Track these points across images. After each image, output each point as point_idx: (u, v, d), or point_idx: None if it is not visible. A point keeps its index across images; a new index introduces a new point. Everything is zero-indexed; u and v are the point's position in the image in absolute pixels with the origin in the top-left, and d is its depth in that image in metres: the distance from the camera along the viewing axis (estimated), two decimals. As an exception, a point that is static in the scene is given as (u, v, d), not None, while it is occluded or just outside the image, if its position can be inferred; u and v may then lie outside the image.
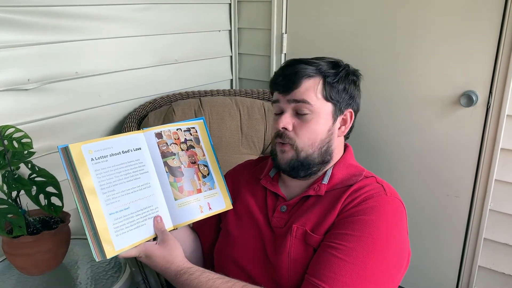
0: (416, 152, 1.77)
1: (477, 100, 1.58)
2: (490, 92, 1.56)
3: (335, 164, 1.06)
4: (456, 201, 1.72)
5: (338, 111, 1.03)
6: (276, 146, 1.06)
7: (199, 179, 1.08)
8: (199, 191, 1.07)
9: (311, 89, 1.00)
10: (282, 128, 1.02)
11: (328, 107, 1.02)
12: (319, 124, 1.01)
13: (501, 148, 1.57)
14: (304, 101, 1.00)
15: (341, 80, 1.03)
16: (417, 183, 1.79)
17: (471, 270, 1.73)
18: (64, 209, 1.27)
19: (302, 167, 1.03)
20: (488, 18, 1.52)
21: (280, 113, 1.04)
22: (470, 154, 1.65)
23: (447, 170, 1.71)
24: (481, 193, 1.64)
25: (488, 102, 1.57)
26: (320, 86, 1.01)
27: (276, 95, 1.05)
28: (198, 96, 1.89)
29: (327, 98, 1.01)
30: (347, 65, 1.08)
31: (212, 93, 1.93)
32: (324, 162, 1.04)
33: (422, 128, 1.74)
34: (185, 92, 1.92)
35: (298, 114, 1.01)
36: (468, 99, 1.58)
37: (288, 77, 1.02)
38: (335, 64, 1.05)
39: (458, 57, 1.60)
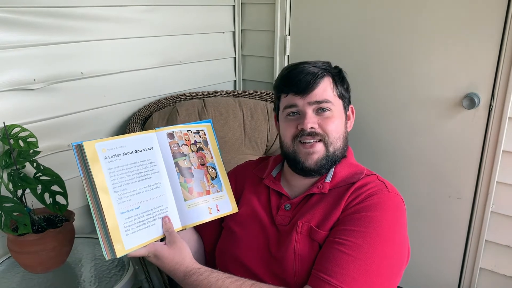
0: (418, 154, 1.78)
1: (479, 102, 1.59)
2: (492, 94, 1.57)
3: (337, 164, 1.09)
4: (458, 203, 1.72)
5: (346, 107, 1.11)
6: (298, 149, 1.06)
7: (208, 181, 1.09)
8: (208, 192, 1.08)
9: (329, 88, 1.06)
10: (311, 128, 1.04)
11: (341, 103, 1.08)
12: (339, 119, 1.07)
13: (503, 150, 1.57)
14: (326, 101, 1.04)
15: (343, 78, 1.11)
16: (419, 185, 1.80)
17: (473, 272, 1.73)
18: (69, 208, 1.29)
19: (330, 163, 1.07)
20: (491, 20, 1.52)
21: (296, 114, 1.06)
22: (472, 156, 1.65)
23: (449, 172, 1.72)
24: (483, 195, 1.65)
25: (490, 105, 1.58)
26: (333, 85, 1.07)
27: (291, 99, 1.06)
28: (202, 97, 1.91)
29: (340, 95, 1.08)
30: (337, 66, 1.13)
31: (215, 94, 1.94)
32: (343, 156, 1.10)
33: (424, 130, 1.74)
34: (189, 93, 1.94)
35: (319, 113, 1.05)
36: (470, 101, 1.58)
37: (305, 79, 1.04)
38: (330, 65, 1.11)
39: (460, 59, 1.61)
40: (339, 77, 1.08)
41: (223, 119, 1.78)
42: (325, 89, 1.04)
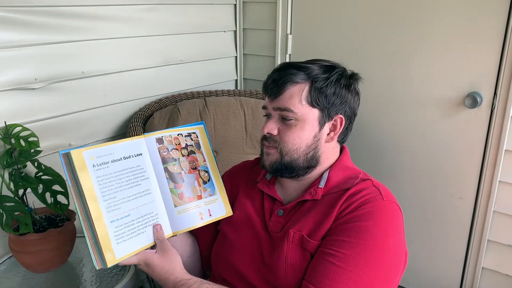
0: (420, 153, 1.77)
1: (482, 102, 1.58)
2: (495, 93, 1.56)
3: (331, 167, 1.05)
4: (460, 203, 1.71)
5: (326, 116, 1.01)
6: (262, 148, 1.06)
7: (199, 185, 1.07)
8: (200, 197, 1.06)
9: (295, 96, 0.99)
10: (267, 133, 1.02)
11: (314, 113, 1.00)
12: (304, 130, 1.00)
13: (505, 150, 1.56)
14: (287, 109, 0.99)
15: (331, 84, 1.00)
16: (421, 184, 1.79)
17: (475, 272, 1.73)
18: (70, 208, 1.28)
19: (286, 170, 1.02)
20: (493, 19, 1.52)
21: (268, 116, 1.04)
22: (474, 156, 1.65)
23: (451, 171, 1.71)
24: (485, 195, 1.64)
25: (493, 104, 1.57)
26: (305, 92, 0.99)
27: (265, 100, 1.05)
28: (203, 96, 1.90)
29: (313, 104, 0.99)
30: (343, 69, 1.05)
31: (217, 93, 1.94)
32: (310, 166, 1.03)
33: (426, 129, 1.74)
34: (190, 92, 1.93)
35: (283, 120, 1.01)
36: (472, 100, 1.58)
37: (274, 83, 1.01)
38: (329, 68, 1.02)
39: (462, 58, 1.60)
40: (323, 84, 0.99)
41: (224, 118, 1.77)
42: (291, 96, 0.98)
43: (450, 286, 1.81)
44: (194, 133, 1.12)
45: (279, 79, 1.00)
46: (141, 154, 1.01)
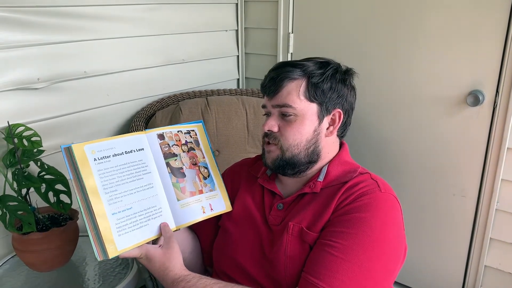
0: (423, 152, 1.77)
1: (484, 100, 1.58)
2: (497, 91, 1.56)
3: (330, 162, 1.07)
4: (462, 201, 1.71)
5: (324, 111, 1.03)
6: (264, 146, 1.08)
7: (200, 180, 1.09)
8: (201, 192, 1.08)
9: (293, 92, 1.01)
10: (268, 130, 1.04)
11: (313, 107, 1.02)
12: (304, 125, 1.02)
13: (507, 148, 1.56)
14: (286, 105, 1.01)
15: (327, 79, 1.02)
16: (424, 183, 1.79)
17: (478, 270, 1.72)
18: (73, 207, 1.29)
19: (288, 166, 1.04)
20: (495, 17, 1.51)
21: (268, 114, 1.06)
22: (477, 154, 1.64)
23: (453, 170, 1.71)
24: (488, 193, 1.64)
25: (495, 102, 1.57)
26: (303, 88, 1.01)
27: (264, 99, 1.08)
28: (205, 95, 1.91)
29: (311, 98, 1.01)
30: (337, 64, 1.07)
31: (218, 93, 1.94)
32: (312, 161, 1.05)
33: (428, 127, 1.73)
34: (192, 91, 1.94)
35: (283, 116, 1.03)
36: (474, 98, 1.58)
37: (271, 81, 1.03)
38: (324, 64, 1.05)
39: (464, 56, 1.60)
40: (319, 79, 1.01)
41: (226, 117, 1.78)
42: (290, 92, 1.01)
43: (452, 284, 1.81)
44: (193, 130, 1.14)
45: (276, 77, 1.03)
46: (143, 149, 1.02)
